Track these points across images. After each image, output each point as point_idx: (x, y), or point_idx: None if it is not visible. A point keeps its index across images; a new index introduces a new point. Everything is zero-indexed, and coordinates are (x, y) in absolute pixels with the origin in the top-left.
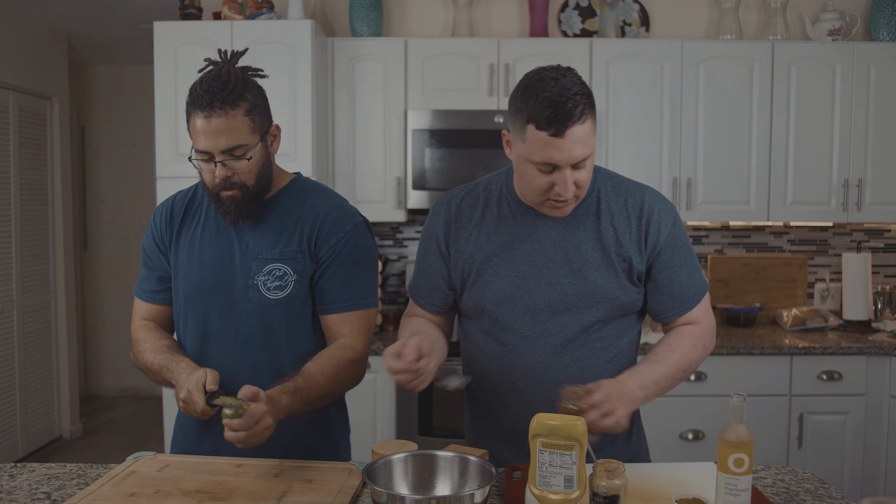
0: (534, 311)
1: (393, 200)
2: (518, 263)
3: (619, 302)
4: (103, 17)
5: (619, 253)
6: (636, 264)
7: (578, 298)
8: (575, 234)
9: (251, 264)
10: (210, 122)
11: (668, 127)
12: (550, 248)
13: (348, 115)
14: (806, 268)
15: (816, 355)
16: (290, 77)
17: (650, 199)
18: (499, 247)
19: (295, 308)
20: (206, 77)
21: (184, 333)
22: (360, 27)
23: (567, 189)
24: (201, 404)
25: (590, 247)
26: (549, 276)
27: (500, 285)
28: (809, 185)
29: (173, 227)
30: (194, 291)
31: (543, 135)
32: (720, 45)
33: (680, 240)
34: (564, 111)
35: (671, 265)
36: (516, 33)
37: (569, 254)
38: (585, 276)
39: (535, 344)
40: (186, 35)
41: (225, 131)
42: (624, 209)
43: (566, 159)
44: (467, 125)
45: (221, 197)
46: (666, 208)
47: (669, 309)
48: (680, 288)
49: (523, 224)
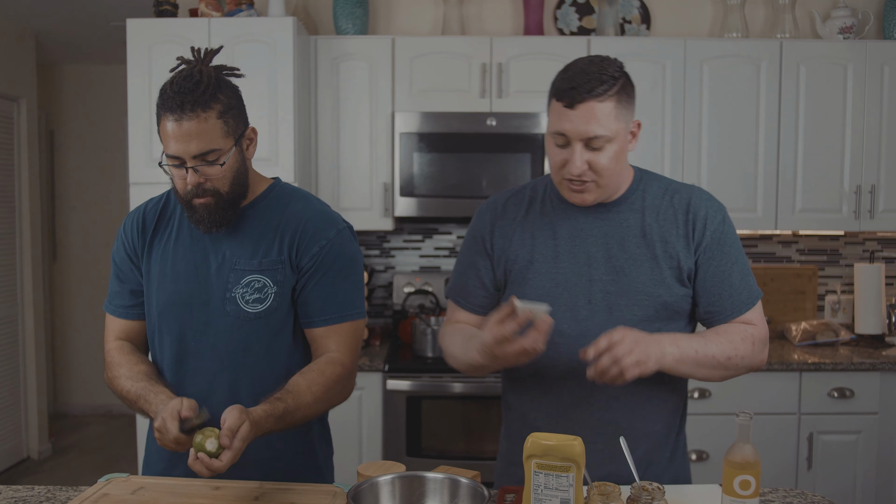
0: (574, 308)
1: (379, 208)
2: (560, 260)
3: (662, 300)
4: (74, 14)
5: (665, 251)
6: (684, 262)
7: (619, 296)
8: (618, 230)
9: (228, 276)
10: (181, 125)
11: (670, 130)
12: (592, 244)
13: (332, 118)
14: (816, 279)
15: (827, 371)
16: (271, 77)
17: (698, 196)
18: (542, 244)
19: (275, 322)
20: (176, 77)
21: (159, 351)
22: (345, 25)
23: (575, 164)
24: (174, 432)
25: (633, 244)
26: (591, 272)
27: (542, 282)
28: (820, 192)
29: (145, 237)
30: (168, 306)
31: (559, 105)
32: (725, 43)
33: (730, 238)
34: (583, 85)
35: (721, 263)
36: (510, 31)
37: (611, 251)
38: (627, 272)
39: (575, 343)
40: (161, 33)
41: (196, 135)
42: (670, 206)
43: (575, 132)
44: (458, 128)
45: (194, 205)
46: (714, 205)
47: (721, 311)
48: (731, 288)
49: (566, 221)
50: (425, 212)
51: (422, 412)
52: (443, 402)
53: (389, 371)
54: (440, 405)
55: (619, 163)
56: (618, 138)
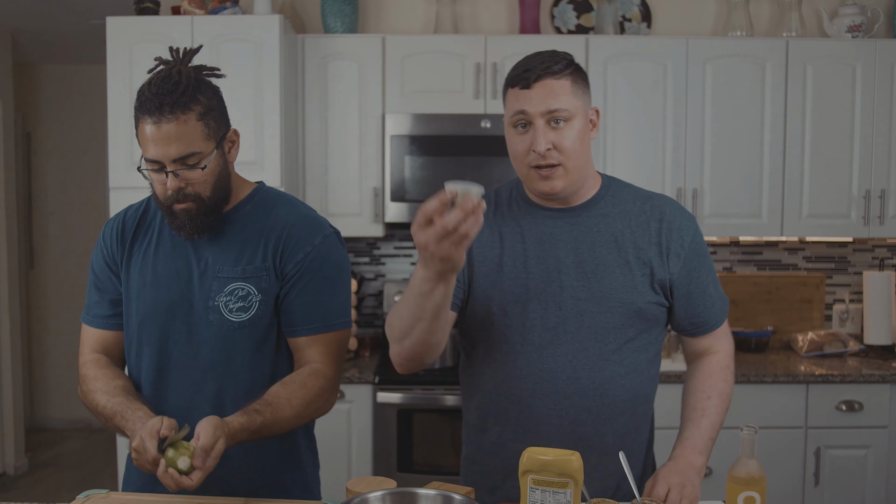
0: (544, 315)
1: (369, 213)
2: (529, 266)
3: (636, 307)
4: (51, 12)
5: (637, 256)
6: (658, 270)
7: (590, 302)
8: (588, 235)
9: (211, 284)
10: (160, 128)
11: (672, 132)
12: (562, 250)
13: (320, 120)
14: (823, 287)
15: (835, 384)
16: (257, 77)
17: (672, 207)
18: (510, 248)
19: (260, 331)
20: (154, 78)
21: (137, 362)
22: (334, 23)
23: (539, 142)
24: (152, 452)
25: (604, 249)
26: (561, 278)
27: (512, 287)
28: (827, 197)
29: (125, 245)
30: (149, 315)
31: (516, 90)
32: (729, 42)
33: (703, 249)
34: (537, 66)
35: (700, 275)
36: (505, 30)
37: (581, 256)
38: (599, 278)
39: (544, 352)
40: (142, 32)
41: (176, 138)
42: (642, 213)
43: (535, 108)
44: (451, 130)
45: (174, 210)
46: (687, 217)
47: (705, 322)
48: (711, 299)
49: (534, 226)
50: None
51: (413, 426)
52: (435, 416)
53: (380, 383)
54: (432, 418)
55: (584, 146)
56: (578, 117)
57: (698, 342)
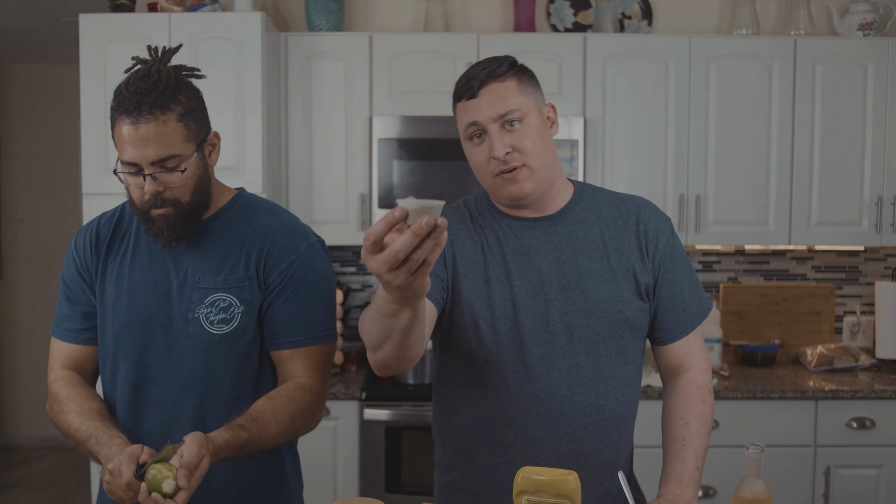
0: (533, 332)
1: (356, 220)
2: (512, 279)
3: (623, 317)
4: (21, 8)
5: (620, 262)
6: (641, 275)
7: (577, 315)
8: (568, 243)
9: (191, 295)
10: (137, 128)
11: (674, 135)
12: (543, 261)
13: (304, 122)
14: (833, 298)
15: (845, 400)
16: (238, 78)
17: (646, 207)
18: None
19: (242, 344)
20: (132, 77)
21: (112, 378)
22: (318, 20)
23: (497, 147)
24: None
25: (586, 257)
26: (545, 292)
27: (498, 303)
28: (837, 204)
29: (99, 254)
30: (125, 328)
31: (462, 103)
32: (734, 41)
33: (678, 250)
34: (478, 74)
35: (673, 277)
36: (498, 28)
37: (563, 266)
38: (584, 289)
39: (537, 369)
40: (117, 30)
41: (155, 139)
42: (619, 216)
43: (485, 115)
44: (442, 134)
45: (152, 216)
46: (662, 217)
47: (673, 328)
48: (683, 304)
49: (511, 238)
50: None
51: (402, 444)
52: (425, 433)
53: (367, 399)
54: (422, 436)
55: (545, 144)
56: (532, 115)
57: (670, 353)
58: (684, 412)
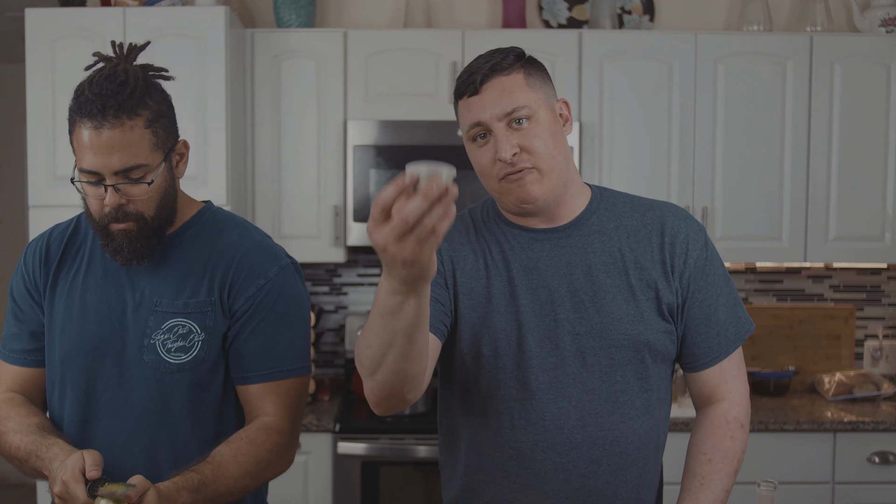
0: (540, 356)
1: (329, 236)
2: (518, 296)
3: (643, 339)
4: None
5: (641, 278)
6: (664, 293)
7: (590, 337)
8: (582, 257)
9: (147, 319)
10: (100, 134)
11: (678, 142)
12: (553, 276)
13: (273, 128)
14: (853, 321)
15: (866, 432)
16: (200, 79)
17: (674, 215)
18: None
19: (202, 375)
20: (97, 77)
21: (59, 407)
22: (288, 16)
23: (503, 147)
24: (83, 498)
25: (602, 272)
26: (555, 311)
27: (502, 324)
28: (858, 217)
29: (49, 270)
30: (74, 353)
31: (465, 100)
32: (744, 38)
33: (713, 264)
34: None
35: (706, 296)
36: (485, 24)
37: (576, 282)
38: (599, 308)
39: (544, 397)
40: (67, 26)
41: (120, 147)
42: (641, 225)
43: (490, 113)
44: (423, 140)
45: (111, 231)
46: (694, 227)
47: (705, 353)
48: (718, 325)
49: (518, 251)
50: None
51: (380, 481)
52: (406, 469)
53: (341, 432)
54: (402, 472)
55: (557, 144)
56: (542, 111)
57: (702, 381)
58: (708, 448)
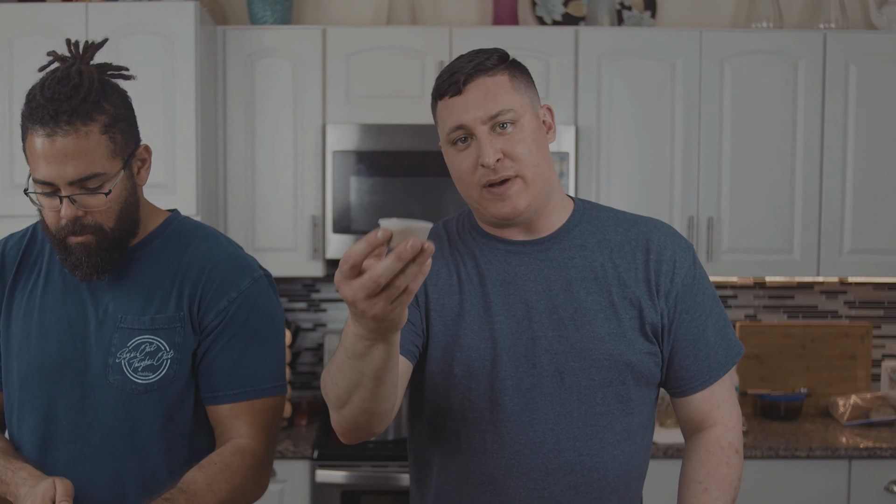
0: (516, 376)
1: (307, 248)
2: (493, 313)
3: (626, 360)
4: None
5: (624, 296)
6: (648, 312)
7: (570, 357)
8: (562, 272)
9: (112, 337)
10: (54, 142)
11: (682, 147)
12: (531, 292)
13: (246, 132)
14: (870, 339)
15: (884, 459)
16: (167, 79)
17: (659, 232)
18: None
19: (172, 396)
20: (48, 80)
21: (18, 432)
22: (262, 12)
23: (487, 153)
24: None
25: (583, 288)
26: (532, 328)
27: (473, 341)
28: (875, 228)
29: (4, 284)
30: (33, 374)
31: (445, 100)
32: (753, 36)
33: (701, 283)
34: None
35: (694, 317)
36: (475, 20)
37: (555, 299)
38: (579, 326)
39: (519, 419)
40: (25, 22)
41: (74, 155)
42: (626, 241)
43: (473, 116)
44: (408, 145)
45: (69, 244)
46: (682, 244)
47: (694, 377)
48: (706, 348)
49: (495, 264)
50: None
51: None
52: (388, 499)
53: (319, 458)
54: (385, 502)
55: (541, 152)
56: (526, 116)
57: (691, 407)
58: (703, 476)
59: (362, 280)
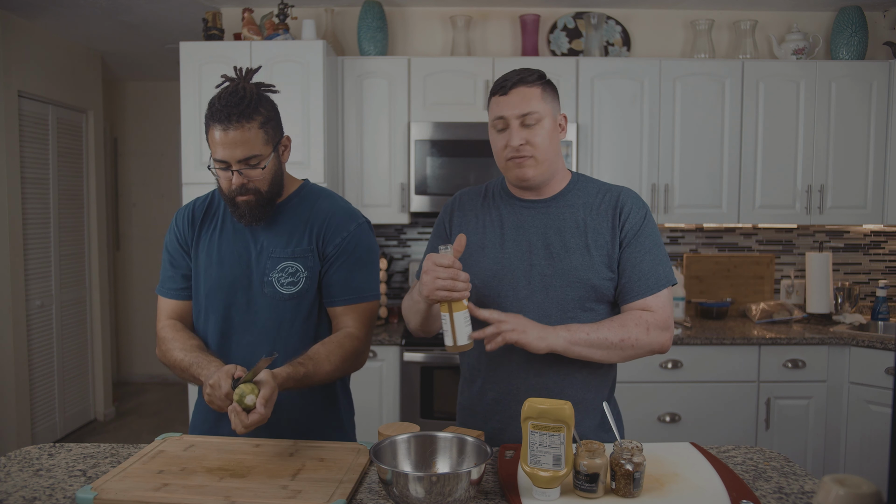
0: (515, 287)
1: (397, 204)
2: (505, 247)
3: (591, 284)
4: (134, 38)
5: (595, 241)
6: (612, 251)
7: (554, 278)
8: (556, 222)
9: (266, 263)
10: (227, 134)
11: (648, 137)
12: (533, 234)
13: (356, 127)
14: (773, 266)
15: (782, 345)
16: (304, 92)
17: (625, 195)
18: (491, 232)
19: (306, 302)
20: (223, 93)
21: (204, 327)
22: (368, 47)
23: (514, 138)
24: (226, 388)
25: (569, 234)
26: (531, 258)
27: (489, 265)
28: (776, 191)
29: (195, 229)
30: (215, 288)
31: (496, 98)
32: (695, 63)
33: (647, 230)
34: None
35: (635, 251)
36: (509, 52)
37: (549, 240)
38: (562, 259)
39: None
40: (209, 54)
41: (241, 143)
42: (602, 202)
43: (511, 112)
44: (464, 136)
45: (237, 202)
46: (638, 203)
47: (628, 292)
48: (639, 273)
49: (512, 214)
50: (436, 208)
51: (434, 380)
52: (452, 372)
53: (406, 345)
54: (449, 374)
55: (552, 144)
56: (548, 118)
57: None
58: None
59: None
